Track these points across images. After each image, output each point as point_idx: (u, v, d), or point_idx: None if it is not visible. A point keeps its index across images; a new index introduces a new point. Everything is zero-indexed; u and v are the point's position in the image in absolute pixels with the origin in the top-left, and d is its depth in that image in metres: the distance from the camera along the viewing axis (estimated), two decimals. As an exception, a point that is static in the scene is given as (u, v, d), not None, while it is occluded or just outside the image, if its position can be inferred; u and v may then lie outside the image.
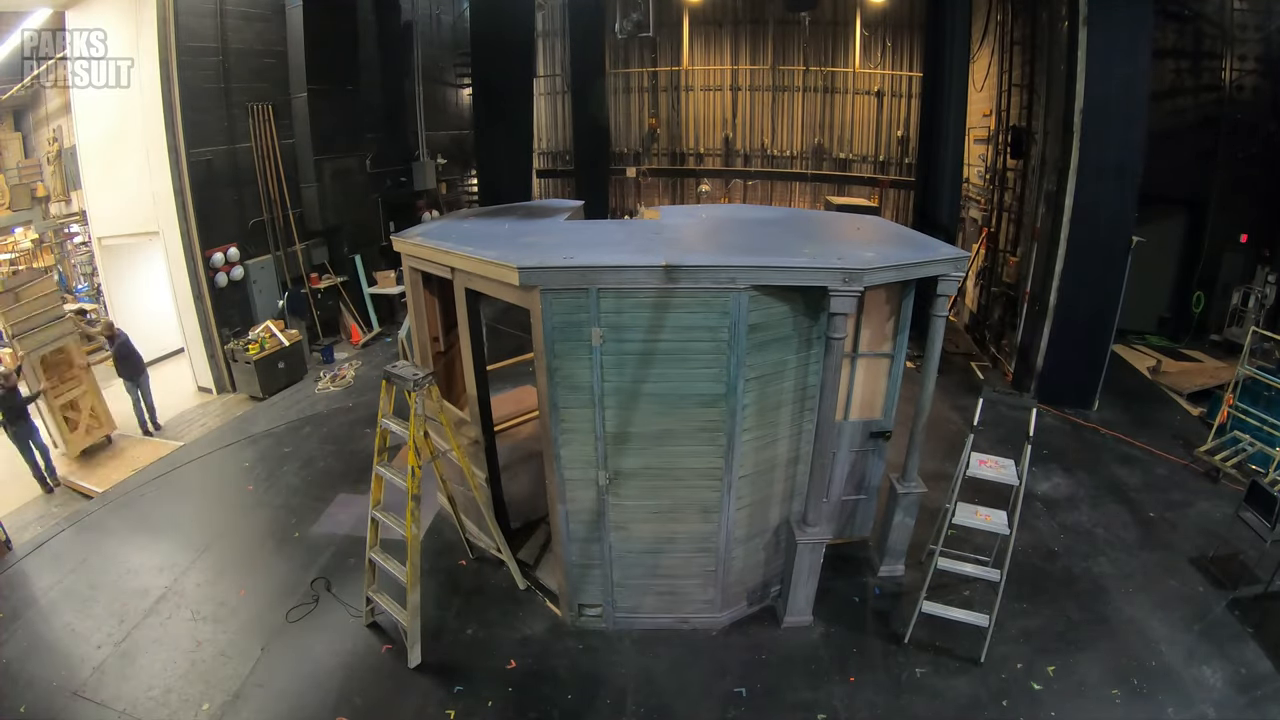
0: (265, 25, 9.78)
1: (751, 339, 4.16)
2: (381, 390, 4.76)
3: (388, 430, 4.74)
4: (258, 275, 9.86)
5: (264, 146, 9.76)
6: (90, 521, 6.31)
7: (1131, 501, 6.46)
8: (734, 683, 4.50)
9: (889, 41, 14.03)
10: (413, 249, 5.24)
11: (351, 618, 5.06)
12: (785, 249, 4.51)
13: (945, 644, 4.75)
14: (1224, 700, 4.31)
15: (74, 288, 12.31)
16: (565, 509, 4.61)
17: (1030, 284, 8.72)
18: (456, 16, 14.93)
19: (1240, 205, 10.11)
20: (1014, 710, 4.27)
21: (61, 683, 4.53)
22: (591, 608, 4.95)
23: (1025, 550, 5.69)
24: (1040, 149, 8.79)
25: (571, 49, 14.03)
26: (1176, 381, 9.04)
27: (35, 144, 12.37)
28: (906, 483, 5.17)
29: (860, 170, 14.90)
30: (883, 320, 5.09)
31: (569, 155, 15.97)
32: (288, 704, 4.37)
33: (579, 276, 4.01)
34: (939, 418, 7.92)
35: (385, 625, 4.98)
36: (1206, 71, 10.05)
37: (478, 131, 12.63)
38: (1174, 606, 5.12)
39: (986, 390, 6.74)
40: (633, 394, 4.29)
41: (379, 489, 4.79)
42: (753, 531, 4.79)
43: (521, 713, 4.31)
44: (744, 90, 15.23)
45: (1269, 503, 5.25)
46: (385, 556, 4.76)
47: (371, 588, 4.90)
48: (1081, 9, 7.23)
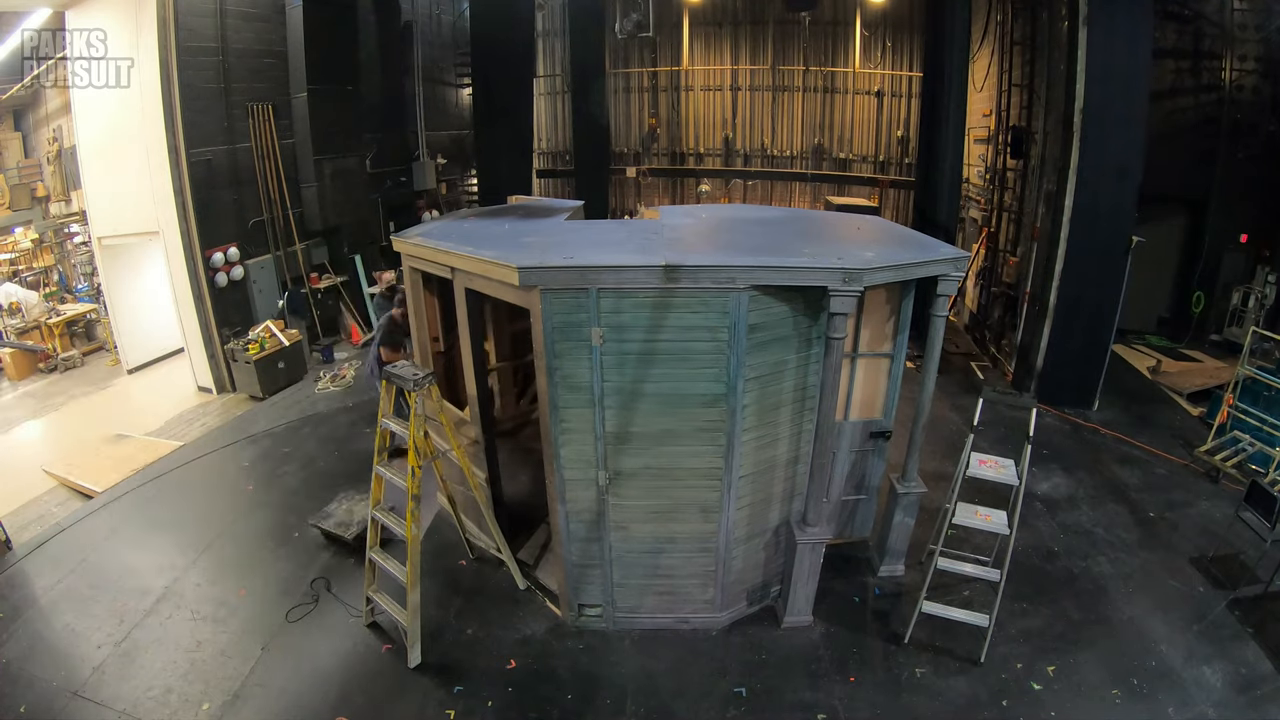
0: (265, 25, 9.78)
1: (751, 339, 4.16)
2: (381, 390, 4.75)
3: (387, 430, 4.74)
4: (258, 275, 9.86)
5: (264, 146, 9.76)
6: (90, 521, 6.31)
7: (1131, 501, 6.46)
8: (734, 683, 4.50)
9: (889, 41, 14.02)
10: (413, 249, 5.24)
11: (351, 618, 5.06)
12: (785, 249, 4.51)
13: (945, 644, 4.75)
14: (1224, 700, 4.31)
15: (74, 287, 12.32)
16: (565, 509, 4.61)
17: (1030, 284, 8.72)
18: (456, 16, 14.93)
19: (1240, 205, 10.11)
20: (1014, 710, 4.27)
21: (61, 683, 4.52)
22: (591, 608, 4.95)
23: (1025, 550, 5.69)
24: (1040, 149, 8.79)
25: (571, 49, 14.03)
26: (1176, 381, 9.04)
27: (35, 144, 12.35)
28: (906, 483, 5.17)
29: (860, 170, 14.90)
30: (883, 320, 5.10)
31: (569, 155, 15.97)
32: (288, 704, 4.37)
33: (579, 276, 4.01)
34: (939, 418, 7.93)
35: (385, 625, 4.98)
36: (1206, 71, 10.04)
37: (478, 131, 12.64)
38: (1174, 606, 5.12)
39: (986, 390, 6.74)
40: (633, 394, 4.29)
41: (379, 489, 4.79)
42: (753, 531, 4.79)
43: (521, 713, 4.31)
44: (744, 90, 15.23)
45: (1269, 503, 5.25)
46: (385, 556, 4.77)
47: (371, 588, 4.90)
48: (1081, 9, 7.23)
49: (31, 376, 10.28)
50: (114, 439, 7.93)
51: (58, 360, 10.43)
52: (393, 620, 4.83)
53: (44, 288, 11.94)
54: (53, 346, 10.54)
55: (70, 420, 8.85)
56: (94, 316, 11.39)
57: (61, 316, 10.93)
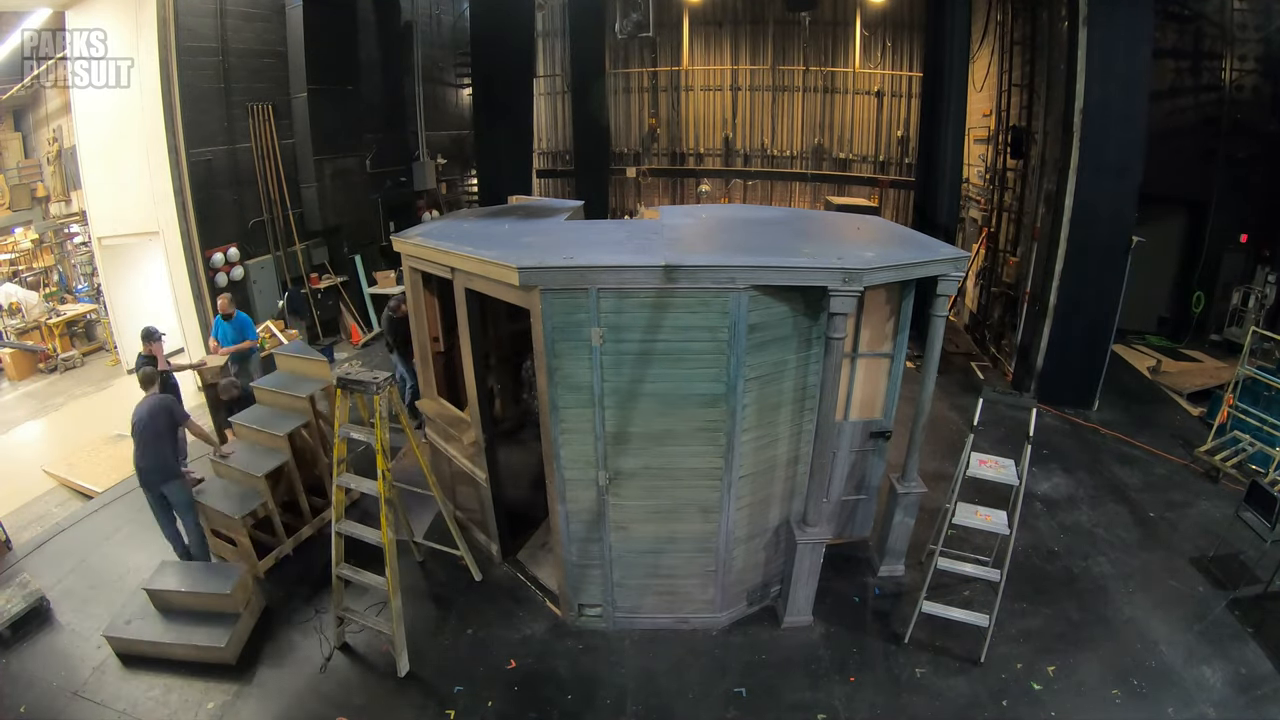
0: (265, 25, 9.78)
1: (751, 339, 4.16)
2: (336, 398, 4.59)
3: (346, 440, 4.60)
4: (258, 275, 9.86)
5: (264, 146, 9.76)
6: (90, 521, 6.31)
7: (1131, 501, 6.46)
8: (734, 683, 4.50)
9: (889, 41, 14.03)
10: (413, 249, 5.24)
11: (324, 647, 4.80)
12: (785, 249, 4.51)
13: (945, 644, 4.75)
14: (1224, 700, 4.31)
15: (74, 288, 12.32)
16: (565, 509, 4.60)
17: (1030, 284, 8.72)
18: (456, 16, 14.93)
19: (1240, 205, 10.10)
20: (1014, 710, 4.27)
21: (61, 683, 4.53)
22: (591, 608, 4.95)
23: (1025, 550, 5.69)
24: (1040, 149, 8.79)
25: (571, 49, 14.03)
26: (1176, 381, 9.04)
27: (35, 144, 12.35)
28: (906, 483, 5.17)
29: (860, 170, 14.91)
30: (883, 320, 5.09)
31: (569, 155, 15.97)
32: (288, 704, 4.38)
33: (579, 276, 4.00)
34: (939, 418, 7.92)
35: (357, 645, 4.81)
36: (1206, 71, 10.04)
37: (478, 131, 12.63)
38: (1174, 606, 5.12)
39: (986, 390, 6.75)
40: (633, 394, 4.29)
41: (341, 503, 4.71)
42: (753, 531, 4.79)
43: (521, 713, 4.31)
44: (744, 90, 15.24)
45: (1269, 503, 5.25)
46: (356, 570, 4.64)
47: (341, 607, 4.75)
48: (1081, 9, 7.23)
49: (31, 377, 10.29)
50: (114, 439, 7.92)
51: (58, 360, 10.43)
52: (367, 639, 4.78)
53: (44, 288, 11.95)
54: (53, 347, 10.54)
55: (70, 420, 8.85)
56: (94, 317, 11.39)
57: (61, 317, 10.94)
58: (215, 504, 5.45)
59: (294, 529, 5.89)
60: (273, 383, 6.30)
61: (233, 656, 4.67)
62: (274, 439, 5.75)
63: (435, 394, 5.89)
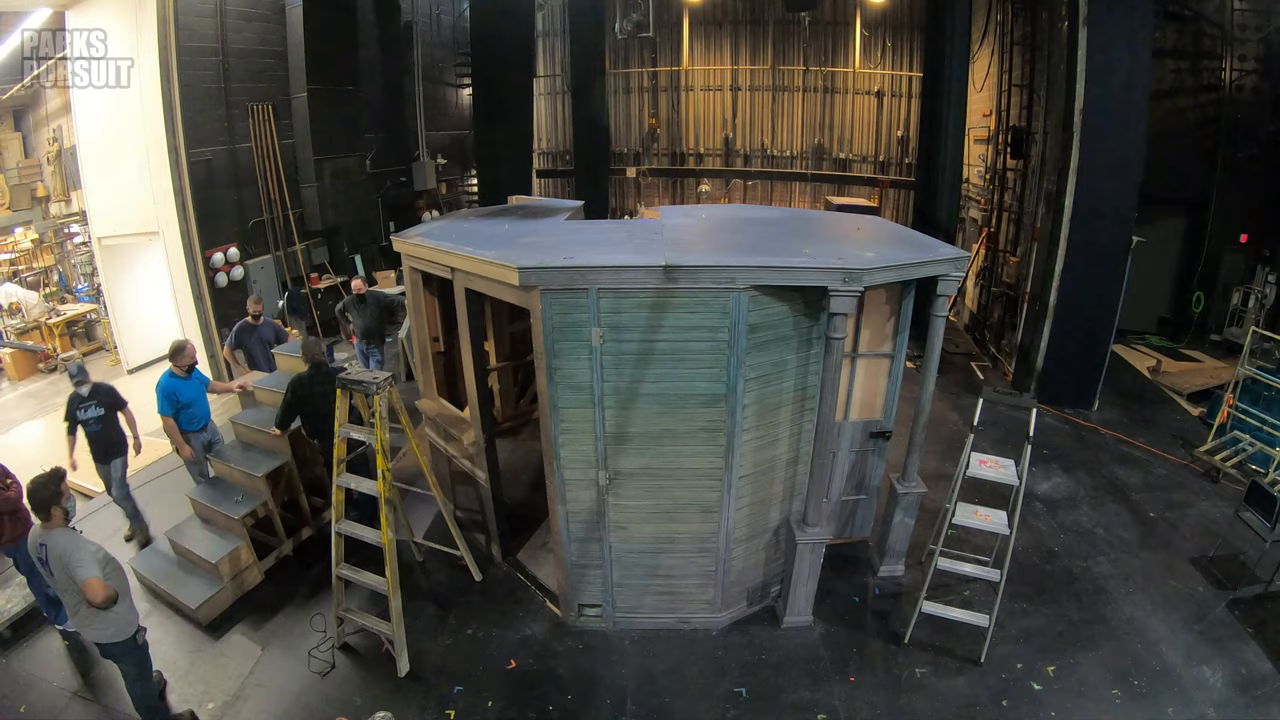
0: (265, 25, 9.78)
1: (751, 339, 4.16)
2: (337, 399, 4.59)
3: (346, 440, 4.60)
4: (258, 275, 9.86)
5: (264, 146, 9.76)
6: (90, 521, 6.31)
7: (1131, 502, 6.46)
8: (734, 683, 4.50)
9: (889, 41, 14.02)
10: (413, 249, 5.24)
11: (318, 650, 4.74)
12: (785, 249, 4.50)
13: (945, 644, 4.75)
14: (1224, 700, 4.31)
15: (74, 288, 12.32)
16: (565, 509, 4.60)
17: (1030, 284, 8.72)
18: (456, 16, 14.94)
19: (1240, 205, 10.11)
20: (1014, 710, 4.27)
21: (61, 683, 4.53)
22: (591, 608, 4.95)
23: (1025, 550, 5.69)
24: (1040, 149, 8.79)
25: (571, 49, 14.03)
26: (1176, 381, 9.04)
27: (35, 144, 12.35)
28: (906, 483, 5.17)
29: (860, 170, 14.90)
30: (883, 320, 5.09)
31: (569, 155, 15.97)
32: (288, 704, 4.37)
33: (579, 276, 4.00)
34: (939, 418, 7.92)
35: (357, 645, 4.81)
36: (1206, 71, 10.04)
37: (478, 131, 12.62)
38: (1174, 606, 5.12)
39: (986, 390, 6.75)
40: (632, 394, 4.29)
41: (341, 502, 4.72)
42: (753, 531, 4.79)
43: (521, 713, 4.31)
44: (744, 90, 15.23)
45: (1269, 503, 5.25)
46: (356, 570, 4.65)
47: (341, 607, 4.76)
48: (1081, 9, 7.24)
49: (32, 377, 10.28)
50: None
51: (58, 360, 10.43)
52: (365, 641, 4.78)
53: (44, 288, 11.95)
54: (53, 347, 10.54)
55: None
56: (94, 317, 11.39)
57: (61, 317, 10.94)
58: (215, 504, 5.48)
59: (294, 529, 5.89)
60: (273, 383, 6.29)
61: (205, 619, 5.02)
62: (274, 439, 5.75)
63: (435, 394, 5.90)
